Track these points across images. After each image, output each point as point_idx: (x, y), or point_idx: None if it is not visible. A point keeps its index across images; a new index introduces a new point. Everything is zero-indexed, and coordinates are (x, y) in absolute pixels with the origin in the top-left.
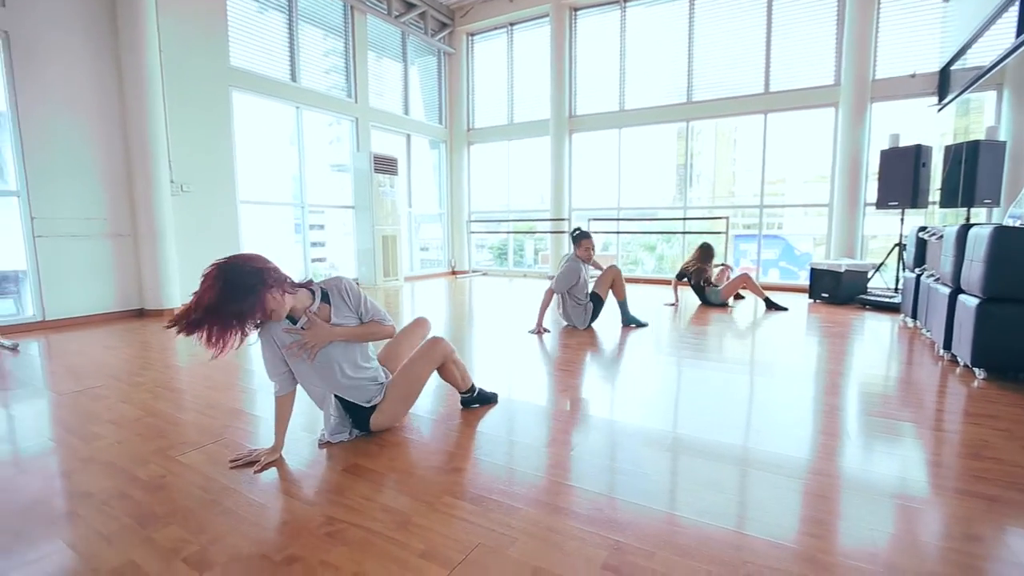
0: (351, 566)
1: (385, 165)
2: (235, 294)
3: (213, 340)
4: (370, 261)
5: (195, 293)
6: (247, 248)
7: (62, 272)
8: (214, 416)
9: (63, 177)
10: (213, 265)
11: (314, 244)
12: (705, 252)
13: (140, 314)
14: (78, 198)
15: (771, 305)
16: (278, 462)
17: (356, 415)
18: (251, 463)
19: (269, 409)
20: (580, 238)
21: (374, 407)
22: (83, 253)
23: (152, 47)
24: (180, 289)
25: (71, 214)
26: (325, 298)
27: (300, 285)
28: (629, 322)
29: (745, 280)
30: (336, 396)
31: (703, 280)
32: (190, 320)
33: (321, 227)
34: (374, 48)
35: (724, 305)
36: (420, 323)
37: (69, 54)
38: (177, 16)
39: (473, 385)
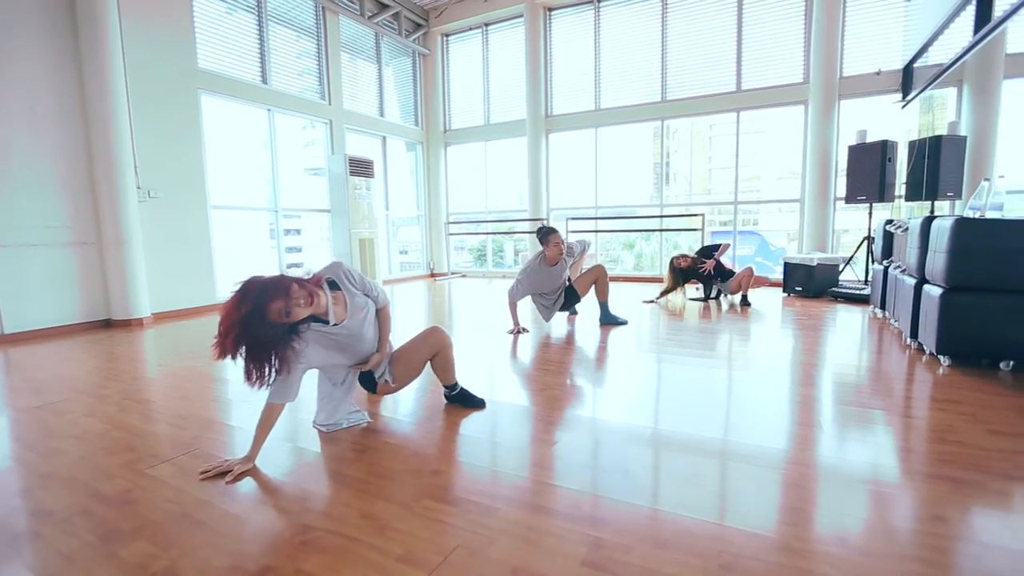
0: (327, 574)
1: (361, 168)
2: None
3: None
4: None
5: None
6: (219, 252)
7: (21, 283)
8: (185, 427)
9: (21, 184)
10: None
11: (291, 249)
12: (704, 252)
13: (107, 324)
14: (38, 206)
15: (745, 301)
16: (252, 471)
17: (367, 380)
18: (223, 473)
19: (244, 419)
20: (548, 234)
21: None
22: (44, 263)
23: (115, 49)
24: (149, 298)
25: (30, 222)
26: (334, 286)
27: (312, 281)
28: (608, 321)
29: (750, 273)
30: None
31: (714, 274)
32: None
33: (298, 232)
34: (347, 49)
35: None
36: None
37: (26, 57)
38: (140, 17)
39: (456, 383)
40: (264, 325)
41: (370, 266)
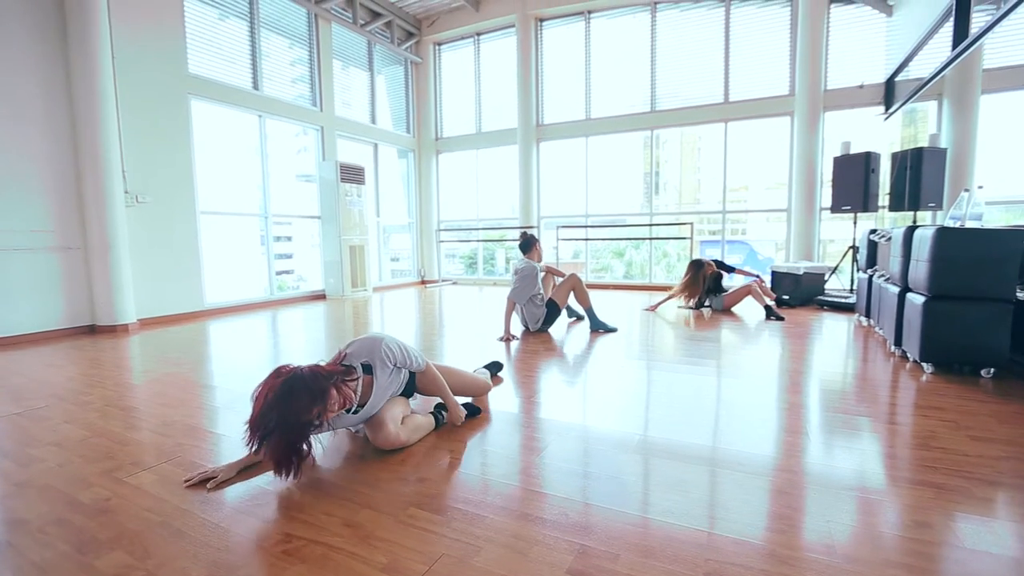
0: None
1: (352, 174)
2: (304, 399)
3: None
4: (337, 272)
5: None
6: (207, 258)
7: (3, 288)
8: (168, 435)
9: (4, 188)
10: (272, 380)
11: (281, 256)
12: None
13: (91, 330)
14: (21, 209)
15: (770, 314)
16: (235, 479)
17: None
18: (206, 480)
19: (230, 427)
20: (534, 242)
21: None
22: (27, 267)
23: (104, 53)
24: (135, 303)
25: (13, 226)
26: (368, 370)
27: (343, 368)
28: (597, 327)
29: (750, 290)
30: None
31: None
32: (261, 433)
33: (289, 239)
34: (340, 57)
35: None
36: (483, 386)
37: (13, 60)
38: (130, 22)
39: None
40: (300, 428)
41: (360, 273)
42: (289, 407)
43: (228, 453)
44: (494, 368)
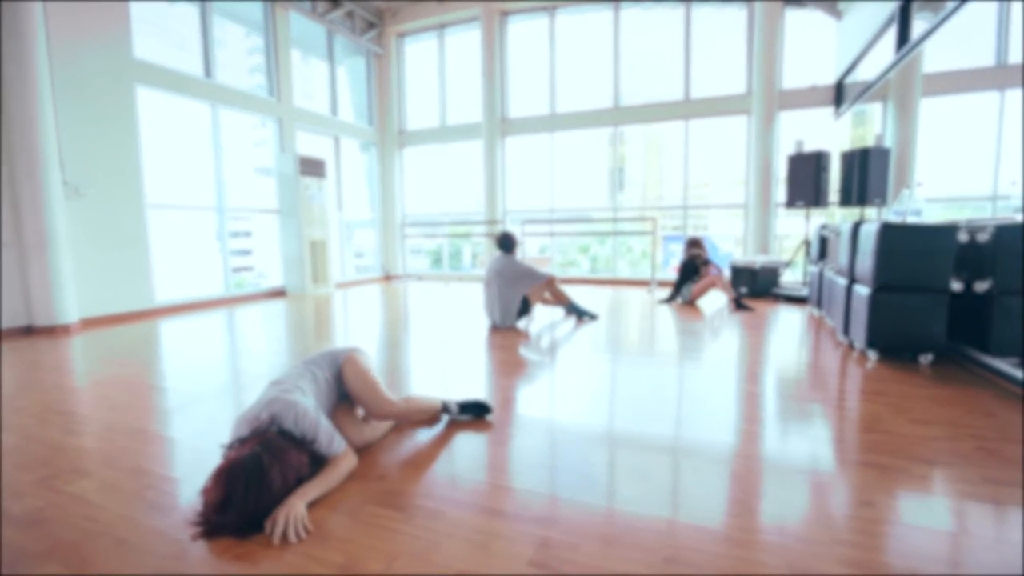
0: None
1: (312, 168)
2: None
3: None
4: (298, 268)
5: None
6: (157, 253)
7: None
8: (112, 439)
9: None
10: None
11: (240, 252)
12: (694, 244)
13: (28, 332)
14: None
15: (739, 305)
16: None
17: None
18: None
19: (183, 429)
20: (515, 241)
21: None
22: None
23: (38, 34)
24: (77, 302)
25: None
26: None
27: (268, 429)
28: (582, 314)
29: (714, 282)
30: None
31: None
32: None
33: (248, 234)
34: (298, 46)
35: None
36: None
37: None
38: (68, 3)
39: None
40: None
41: (321, 269)
42: (269, 492)
43: (180, 457)
44: (477, 411)
